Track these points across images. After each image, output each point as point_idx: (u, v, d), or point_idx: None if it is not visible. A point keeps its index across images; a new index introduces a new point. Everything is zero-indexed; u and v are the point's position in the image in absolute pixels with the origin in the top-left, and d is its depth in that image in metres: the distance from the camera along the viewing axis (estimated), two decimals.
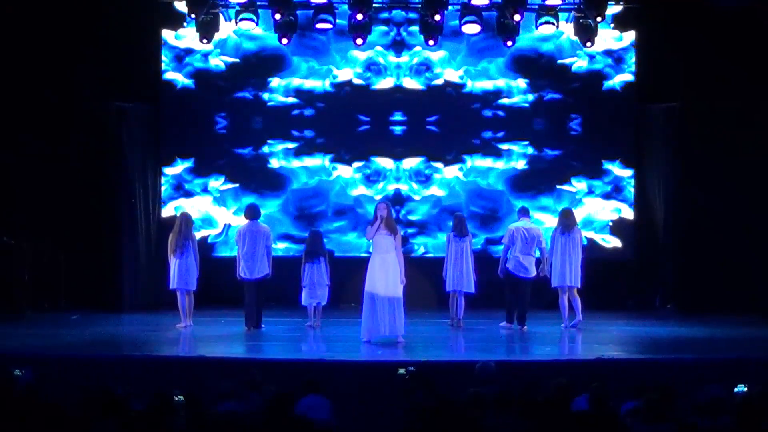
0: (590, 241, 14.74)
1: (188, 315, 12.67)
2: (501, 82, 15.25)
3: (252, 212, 12.74)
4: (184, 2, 14.06)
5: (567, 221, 12.74)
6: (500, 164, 15.28)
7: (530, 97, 15.28)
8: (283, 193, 15.24)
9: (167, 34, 15.02)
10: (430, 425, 6.35)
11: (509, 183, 15.31)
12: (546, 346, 11.76)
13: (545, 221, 14.62)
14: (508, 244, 12.63)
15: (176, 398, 6.75)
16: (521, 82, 15.25)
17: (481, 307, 13.48)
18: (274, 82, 15.20)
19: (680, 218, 14.80)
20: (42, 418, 6.35)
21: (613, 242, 15.09)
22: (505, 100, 15.25)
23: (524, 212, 12.90)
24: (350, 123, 15.32)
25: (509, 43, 14.59)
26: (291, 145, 15.27)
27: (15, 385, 7.36)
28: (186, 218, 12.79)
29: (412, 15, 14.93)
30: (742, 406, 6.61)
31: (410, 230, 15.04)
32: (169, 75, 15.07)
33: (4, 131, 14.32)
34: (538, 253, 12.73)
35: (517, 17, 13.89)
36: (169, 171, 15.19)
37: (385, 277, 11.14)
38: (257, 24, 14.36)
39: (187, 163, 15.20)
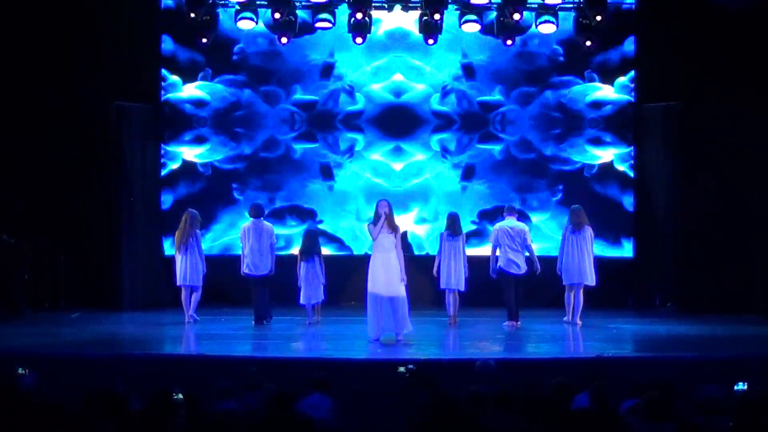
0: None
1: (192, 309, 12.78)
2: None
3: (256, 211, 12.96)
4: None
5: (578, 220, 12.79)
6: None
7: (530, 95, 15.35)
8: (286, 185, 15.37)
9: (167, 33, 15.08)
10: (433, 424, 6.34)
11: (506, 183, 15.37)
12: (546, 344, 11.77)
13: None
14: (495, 243, 12.72)
15: (176, 397, 6.73)
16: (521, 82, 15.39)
17: (480, 305, 13.52)
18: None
19: (680, 217, 14.80)
20: (44, 417, 6.33)
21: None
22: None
23: (511, 211, 12.94)
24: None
25: (509, 42, 14.62)
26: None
27: (18, 383, 7.34)
28: (191, 215, 12.91)
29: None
30: (742, 405, 6.60)
31: None
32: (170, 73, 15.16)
33: (3, 131, 14.32)
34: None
35: (516, 16, 13.94)
36: (169, 171, 15.26)
37: (387, 276, 11.13)
38: (257, 23, 14.39)
39: (189, 160, 15.26)
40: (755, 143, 14.47)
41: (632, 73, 15.21)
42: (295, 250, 14.15)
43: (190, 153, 15.26)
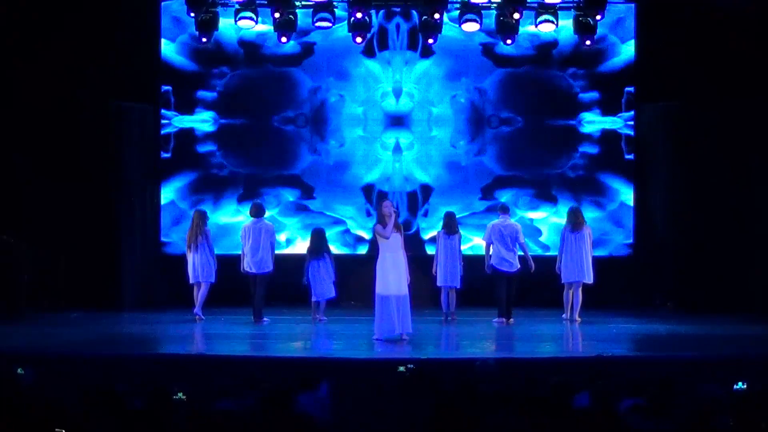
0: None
1: (199, 305, 12.96)
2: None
3: (257, 210, 13.10)
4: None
5: (576, 220, 13.08)
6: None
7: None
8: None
9: (167, 33, 15.06)
10: (435, 424, 6.33)
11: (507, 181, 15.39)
12: (546, 343, 11.76)
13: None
14: (488, 241, 12.97)
15: (176, 396, 6.72)
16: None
17: (478, 304, 13.56)
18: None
19: (680, 216, 14.79)
20: (44, 417, 6.24)
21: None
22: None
23: (504, 210, 13.19)
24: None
25: (508, 42, 14.63)
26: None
27: (17, 383, 7.33)
28: (200, 214, 13.16)
29: None
30: (741, 404, 6.59)
31: None
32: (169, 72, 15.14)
33: (3, 131, 14.30)
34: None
35: (516, 15, 13.97)
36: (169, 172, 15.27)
37: (398, 276, 11.13)
38: (257, 23, 14.38)
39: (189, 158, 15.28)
40: (755, 142, 14.45)
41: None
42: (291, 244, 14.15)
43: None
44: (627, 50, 15.15)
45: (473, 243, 14.85)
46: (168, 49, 15.03)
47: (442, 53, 15.14)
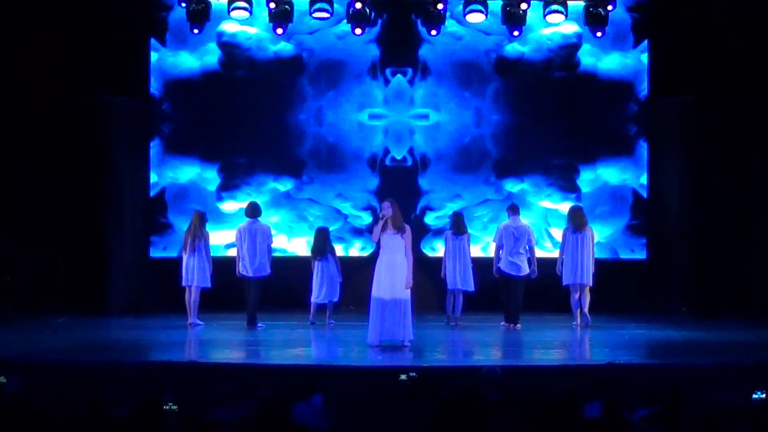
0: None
1: (193, 312, 12.73)
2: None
3: (252, 211, 12.88)
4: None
5: (579, 221, 12.83)
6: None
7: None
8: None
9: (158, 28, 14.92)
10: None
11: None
12: (555, 350, 11.53)
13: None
14: (499, 243, 12.72)
15: (166, 406, 6.53)
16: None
17: (482, 309, 13.41)
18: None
19: (694, 218, 14.65)
20: (28, 426, 6.16)
21: None
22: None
23: (514, 210, 12.92)
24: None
25: (516, 33, 14.48)
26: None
27: (1, 391, 7.14)
28: (200, 216, 12.93)
29: None
30: (760, 414, 6.35)
31: None
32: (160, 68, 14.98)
33: None
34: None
35: (523, 6, 14.02)
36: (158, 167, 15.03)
37: (392, 280, 10.81)
38: (251, 14, 14.22)
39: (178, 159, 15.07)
40: (755, 143, 14.32)
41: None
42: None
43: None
44: (633, 56, 15.06)
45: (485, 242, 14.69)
46: (162, 57, 14.92)
47: (446, 68, 15.07)
